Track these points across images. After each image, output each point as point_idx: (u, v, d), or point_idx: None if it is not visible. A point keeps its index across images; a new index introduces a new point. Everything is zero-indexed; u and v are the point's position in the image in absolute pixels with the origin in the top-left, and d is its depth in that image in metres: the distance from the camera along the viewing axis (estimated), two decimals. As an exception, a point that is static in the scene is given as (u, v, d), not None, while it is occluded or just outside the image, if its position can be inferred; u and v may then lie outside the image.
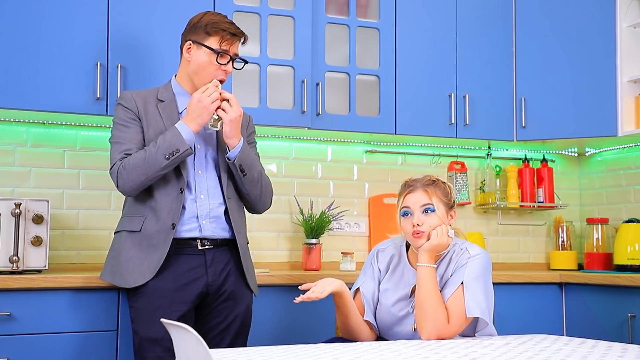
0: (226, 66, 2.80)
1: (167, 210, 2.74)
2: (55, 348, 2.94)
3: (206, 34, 2.77)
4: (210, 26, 2.77)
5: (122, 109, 2.82)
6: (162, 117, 2.80)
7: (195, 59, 2.79)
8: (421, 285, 2.56)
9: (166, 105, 2.83)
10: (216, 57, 2.76)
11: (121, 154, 2.76)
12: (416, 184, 2.67)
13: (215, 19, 2.80)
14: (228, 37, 2.78)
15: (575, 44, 4.00)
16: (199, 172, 2.82)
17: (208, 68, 2.78)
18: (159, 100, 2.84)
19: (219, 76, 2.79)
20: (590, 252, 4.16)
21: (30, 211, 3.10)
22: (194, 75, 2.81)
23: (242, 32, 2.85)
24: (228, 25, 2.79)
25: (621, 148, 4.28)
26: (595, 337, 2.87)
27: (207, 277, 2.79)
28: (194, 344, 1.78)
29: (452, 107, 3.93)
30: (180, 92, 2.87)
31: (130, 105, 2.81)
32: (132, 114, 2.80)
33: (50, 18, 3.26)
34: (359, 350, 2.19)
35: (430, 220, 2.60)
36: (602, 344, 2.34)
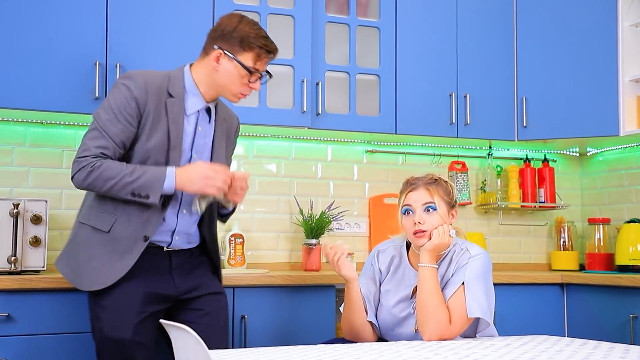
0: (254, 83, 2.65)
1: (144, 220, 2.57)
2: (54, 349, 2.93)
3: (241, 48, 2.58)
4: (246, 41, 2.58)
5: (128, 95, 2.55)
6: (167, 115, 2.59)
7: (224, 70, 2.61)
8: (423, 286, 2.55)
9: (174, 103, 2.61)
10: (248, 76, 2.61)
11: (98, 149, 2.50)
12: (418, 182, 2.66)
13: (252, 32, 2.60)
14: (264, 56, 2.61)
15: (577, 43, 3.99)
16: None
17: (236, 83, 2.62)
18: (168, 95, 2.61)
19: (245, 92, 2.65)
20: (591, 253, 4.15)
21: (28, 211, 3.10)
22: (218, 85, 2.64)
23: (277, 48, 2.67)
24: (265, 42, 2.60)
25: (623, 148, 4.28)
26: (597, 338, 2.86)
27: (173, 280, 2.69)
28: (193, 345, 1.78)
29: (453, 106, 3.92)
30: (193, 90, 2.65)
31: (140, 95, 2.56)
32: (135, 109, 2.55)
33: (48, 17, 3.26)
34: (360, 351, 2.18)
35: (431, 219, 2.60)
36: (603, 345, 2.34)
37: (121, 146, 2.55)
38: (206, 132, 2.71)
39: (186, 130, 2.65)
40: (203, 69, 2.66)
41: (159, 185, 2.51)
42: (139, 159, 2.58)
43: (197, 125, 2.68)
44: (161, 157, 2.59)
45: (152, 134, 2.57)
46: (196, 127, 2.68)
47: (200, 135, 2.69)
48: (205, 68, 2.65)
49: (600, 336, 3.24)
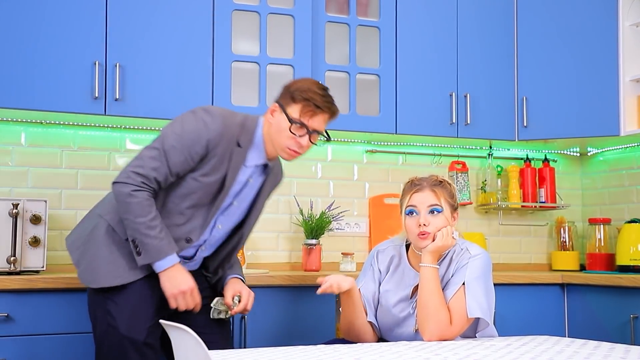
0: (301, 139, 2.58)
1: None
2: (53, 349, 2.93)
3: (291, 100, 2.58)
4: (297, 92, 2.57)
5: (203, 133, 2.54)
6: (229, 163, 2.59)
7: (276, 123, 2.59)
8: (424, 286, 2.55)
9: (239, 153, 2.60)
10: (297, 130, 2.57)
11: (152, 172, 2.51)
12: (423, 183, 2.65)
13: (306, 85, 2.59)
14: (310, 108, 2.56)
15: (577, 43, 3.98)
16: (218, 227, 2.70)
17: (282, 135, 2.58)
18: (237, 144, 2.60)
19: (292, 147, 2.59)
20: (592, 253, 4.14)
21: (28, 211, 3.10)
22: (272, 140, 2.62)
23: (330, 107, 2.60)
24: (315, 96, 2.57)
25: (623, 148, 4.27)
26: (598, 338, 2.85)
27: None
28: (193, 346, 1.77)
29: (453, 106, 3.92)
30: (259, 144, 2.64)
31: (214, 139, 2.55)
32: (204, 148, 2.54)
33: (47, 16, 3.25)
34: (360, 351, 2.18)
35: (436, 221, 2.59)
36: (604, 345, 2.33)
37: (174, 176, 2.56)
38: (254, 185, 2.73)
39: (238, 179, 2.66)
40: (266, 124, 2.66)
41: (153, 257, 2.51)
42: (187, 189, 2.59)
43: (250, 177, 2.70)
44: (207, 196, 2.62)
45: (209, 173, 2.58)
46: (248, 180, 2.70)
47: (248, 187, 2.71)
48: (266, 123, 2.66)
49: (601, 336, 3.22)
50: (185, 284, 2.54)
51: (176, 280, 2.54)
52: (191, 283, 2.56)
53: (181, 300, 2.56)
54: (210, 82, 3.48)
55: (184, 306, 2.57)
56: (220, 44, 3.50)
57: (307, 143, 2.61)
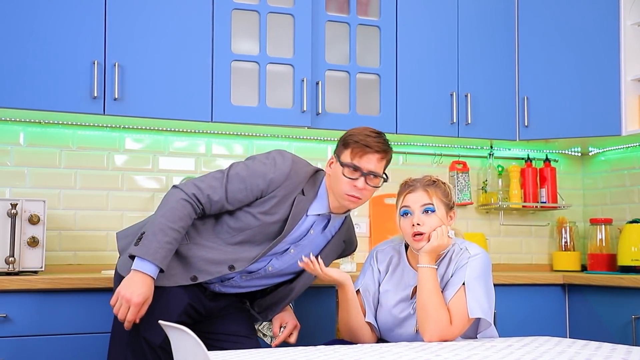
0: (356, 181, 2.60)
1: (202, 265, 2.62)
2: (52, 350, 2.92)
3: (343, 147, 2.64)
4: (348, 138, 2.63)
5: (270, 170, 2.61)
6: (292, 209, 2.62)
7: (333, 172, 2.65)
8: (423, 287, 2.54)
9: (302, 201, 2.65)
10: (350, 174, 2.60)
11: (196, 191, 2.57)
12: (416, 183, 2.65)
13: (357, 131, 2.64)
14: (359, 149, 2.59)
15: (579, 42, 3.97)
16: (269, 268, 2.71)
17: (339, 181, 2.61)
18: (301, 192, 2.66)
19: (351, 192, 2.61)
20: (593, 253, 4.14)
21: (26, 211, 3.09)
22: (332, 189, 2.66)
23: (380, 146, 2.62)
24: (363, 137, 2.61)
25: (625, 148, 4.26)
26: (599, 339, 2.85)
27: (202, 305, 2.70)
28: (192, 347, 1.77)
29: (453, 106, 3.91)
30: (322, 197, 2.69)
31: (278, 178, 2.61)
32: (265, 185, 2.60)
33: (46, 15, 3.24)
34: (360, 352, 2.17)
35: (430, 221, 2.59)
36: (605, 346, 2.33)
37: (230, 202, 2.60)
38: (316, 239, 2.74)
39: (299, 227, 2.67)
40: (327, 177, 2.71)
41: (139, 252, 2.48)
42: (244, 223, 2.63)
43: (311, 227, 2.71)
44: (263, 236, 2.64)
45: (269, 212, 2.62)
46: (309, 230, 2.71)
47: (308, 238, 2.72)
48: (327, 176, 2.71)
49: (602, 337, 3.21)
50: (136, 295, 2.45)
51: (134, 286, 2.46)
52: (140, 299, 2.45)
53: (120, 305, 2.48)
54: (210, 82, 3.46)
55: (117, 312, 2.49)
56: (220, 43, 3.49)
57: (364, 185, 2.61)
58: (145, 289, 2.47)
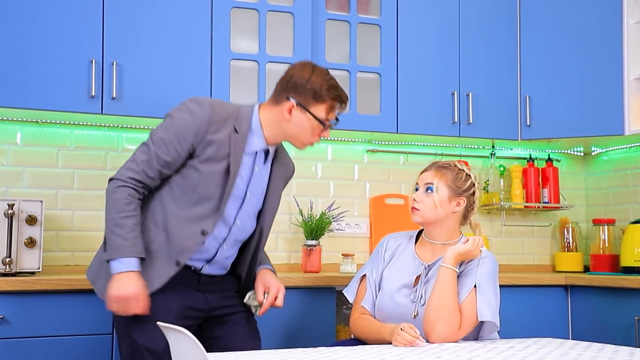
0: (325, 132, 2.67)
1: (178, 245, 2.57)
2: (50, 352, 2.91)
3: (314, 101, 2.61)
4: (319, 94, 2.60)
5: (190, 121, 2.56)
6: (230, 150, 2.59)
7: (296, 122, 2.62)
8: (441, 287, 2.55)
9: (237, 139, 2.61)
10: (320, 127, 2.64)
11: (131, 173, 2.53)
12: (435, 164, 2.76)
13: (324, 84, 2.62)
14: (336, 107, 2.64)
15: (581, 41, 3.96)
16: (237, 222, 2.68)
17: (307, 134, 2.64)
18: (234, 130, 2.61)
19: (315, 141, 2.68)
20: (596, 254, 4.13)
21: (23, 212, 3.08)
22: (287, 134, 2.66)
23: (347, 97, 2.70)
24: (337, 93, 2.63)
25: (628, 147, 4.25)
26: (602, 340, 2.84)
27: (204, 296, 2.68)
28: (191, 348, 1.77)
29: (455, 105, 3.90)
30: (257, 131, 2.66)
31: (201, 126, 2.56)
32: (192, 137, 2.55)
33: (43, 14, 3.23)
34: (361, 354, 2.17)
35: (426, 199, 2.69)
36: (608, 347, 2.33)
37: (168, 167, 2.56)
38: (261, 174, 2.72)
39: (243, 167, 2.65)
40: (272, 115, 2.67)
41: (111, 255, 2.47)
42: (190, 181, 2.59)
43: (254, 165, 2.69)
44: (214, 187, 2.59)
45: (209, 161, 2.58)
46: (253, 167, 2.69)
47: (256, 176, 2.70)
48: (274, 115, 2.66)
49: (605, 339, 3.22)
50: (125, 289, 2.45)
51: (120, 285, 2.45)
52: (132, 290, 2.45)
53: (118, 305, 2.47)
54: (209, 81, 3.45)
55: (122, 311, 2.49)
56: (219, 42, 3.47)
57: (329, 134, 2.70)
58: (135, 282, 2.47)
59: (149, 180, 2.56)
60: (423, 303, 2.59)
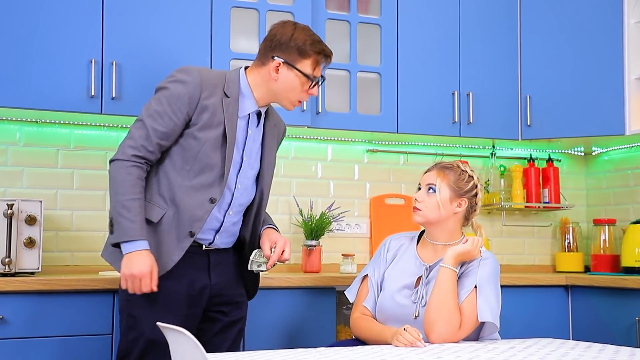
0: (313, 89, 2.68)
1: (189, 216, 2.57)
2: (49, 352, 2.90)
3: (299, 56, 2.62)
4: (303, 49, 2.61)
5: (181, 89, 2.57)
6: (224, 114, 2.60)
7: (284, 80, 2.64)
8: (441, 287, 2.56)
9: (230, 103, 2.62)
10: (309, 83, 2.65)
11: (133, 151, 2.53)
12: (437, 165, 2.77)
13: (307, 39, 2.63)
14: (321, 61, 2.66)
15: (582, 41, 3.95)
16: (238, 186, 2.68)
17: (296, 91, 2.66)
18: (225, 94, 2.62)
19: (303, 99, 2.71)
20: (597, 254, 4.12)
21: (23, 212, 3.07)
22: (275, 94, 2.67)
23: (332, 52, 2.71)
24: (322, 47, 2.65)
25: (629, 147, 4.24)
26: (602, 341, 2.84)
27: (209, 280, 2.69)
28: (191, 349, 1.76)
29: (455, 105, 3.89)
30: (247, 93, 2.67)
31: (194, 91, 2.57)
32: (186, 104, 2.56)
33: (43, 13, 3.22)
34: (361, 354, 2.17)
35: (429, 200, 2.69)
36: (609, 348, 2.33)
37: (166, 138, 2.57)
38: (255, 137, 2.73)
39: (238, 130, 2.66)
40: (260, 77, 2.68)
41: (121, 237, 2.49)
42: (190, 150, 2.60)
43: (247, 127, 2.70)
44: (214, 154, 2.60)
45: (206, 129, 2.59)
46: (247, 130, 2.70)
47: (250, 139, 2.70)
48: (262, 76, 2.67)
49: (606, 339, 3.21)
50: (138, 268, 2.47)
51: (132, 263, 2.47)
52: (144, 269, 2.47)
53: (130, 284, 2.50)
54: (209, 81, 3.44)
55: (131, 289, 2.51)
56: (219, 41, 3.47)
57: (317, 92, 2.71)
58: (143, 260, 2.48)
59: (149, 154, 2.56)
60: (424, 304, 2.59)
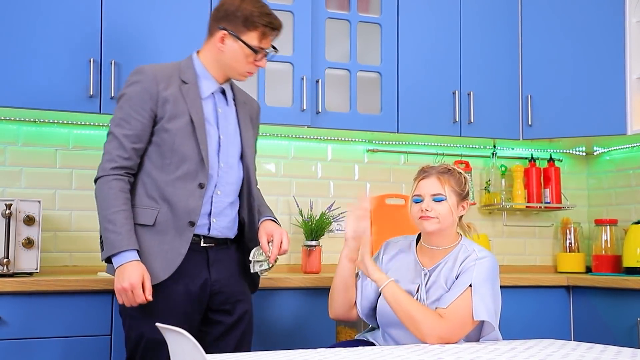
0: (260, 61, 2.68)
1: (184, 207, 2.57)
2: (47, 353, 2.89)
3: (245, 28, 2.61)
4: (250, 20, 2.60)
5: (139, 89, 2.59)
6: (185, 100, 2.60)
7: (230, 51, 2.64)
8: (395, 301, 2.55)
9: (190, 88, 2.63)
10: (254, 56, 2.64)
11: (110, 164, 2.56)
12: (432, 170, 2.70)
13: (255, 10, 2.61)
14: (269, 33, 2.64)
15: (583, 40, 3.95)
16: (222, 165, 2.67)
17: (241, 62, 2.65)
18: (182, 82, 2.63)
19: (251, 70, 2.69)
20: (598, 255, 4.12)
21: (21, 212, 3.06)
22: (225, 66, 2.67)
23: (281, 24, 2.68)
24: (269, 19, 2.62)
25: (630, 147, 4.24)
26: (604, 341, 2.82)
27: (209, 276, 2.66)
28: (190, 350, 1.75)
29: (456, 104, 3.88)
30: (204, 74, 2.68)
31: (151, 87, 2.59)
32: (148, 100, 2.57)
33: (42, 13, 3.21)
34: (361, 355, 2.16)
35: (439, 208, 2.63)
36: (610, 349, 2.32)
37: (140, 140, 2.59)
38: (227, 115, 2.73)
39: (206, 112, 2.66)
40: (210, 52, 2.69)
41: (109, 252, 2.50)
42: (166, 144, 2.60)
43: (216, 107, 2.70)
44: (189, 141, 2.59)
45: (173, 120, 2.59)
46: (216, 109, 2.70)
47: (222, 117, 2.70)
48: (211, 50, 2.69)
49: (607, 340, 3.20)
50: (128, 280, 2.46)
51: (123, 276, 2.47)
52: (134, 280, 2.45)
53: (124, 297, 2.50)
54: (208, 80, 3.43)
55: (127, 303, 2.51)
56: (218, 41, 3.45)
57: (265, 64, 2.69)
58: (131, 271, 2.47)
59: (127, 161, 2.58)
60: None
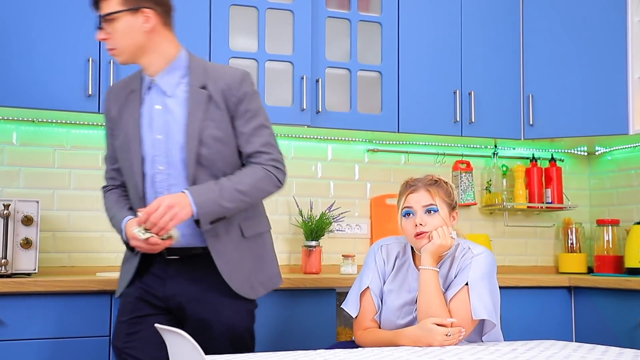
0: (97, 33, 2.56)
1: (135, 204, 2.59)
2: (46, 354, 2.89)
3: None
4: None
5: (104, 111, 2.67)
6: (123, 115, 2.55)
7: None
8: (425, 290, 2.51)
9: (135, 96, 2.55)
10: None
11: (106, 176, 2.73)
12: (418, 183, 2.64)
13: None
14: (93, 8, 2.53)
15: (585, 39, 3.94)
16: (159, 167, 2.48)
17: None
18: (131, 91, 2.57)
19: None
20: (600, 255, 4.11)
21: (19, 212, 3.06)
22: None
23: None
24: None
25: (632, 147, 4.23)
26: (606, 342, 2.82)
27: (164, 291, 2.51)
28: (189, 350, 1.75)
29: (457, 104, 3.88)
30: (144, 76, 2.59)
31: (107, 106, 2.64)
32: (108, 122, 2.65)
33: (40, 12, 3.21)
34: (361, 356, 2.15)
35: (433, 221, 2.57)
36: (612, 350, 2.31)
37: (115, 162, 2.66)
38: (168, 109, 2.49)
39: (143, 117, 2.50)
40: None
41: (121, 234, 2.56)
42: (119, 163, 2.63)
43: (152, 105, 2.51)
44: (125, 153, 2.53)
45: (117, 138, 2.59)
46: (152, 108, 2.51)
47: (160, 114, 2.49)
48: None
49: (609, 341, 3.19)
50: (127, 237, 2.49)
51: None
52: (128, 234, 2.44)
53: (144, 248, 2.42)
54: (207, 80, 3.42)
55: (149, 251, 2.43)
56: (218, 39, 3.46)
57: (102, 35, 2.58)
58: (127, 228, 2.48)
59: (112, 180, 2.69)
60: None
